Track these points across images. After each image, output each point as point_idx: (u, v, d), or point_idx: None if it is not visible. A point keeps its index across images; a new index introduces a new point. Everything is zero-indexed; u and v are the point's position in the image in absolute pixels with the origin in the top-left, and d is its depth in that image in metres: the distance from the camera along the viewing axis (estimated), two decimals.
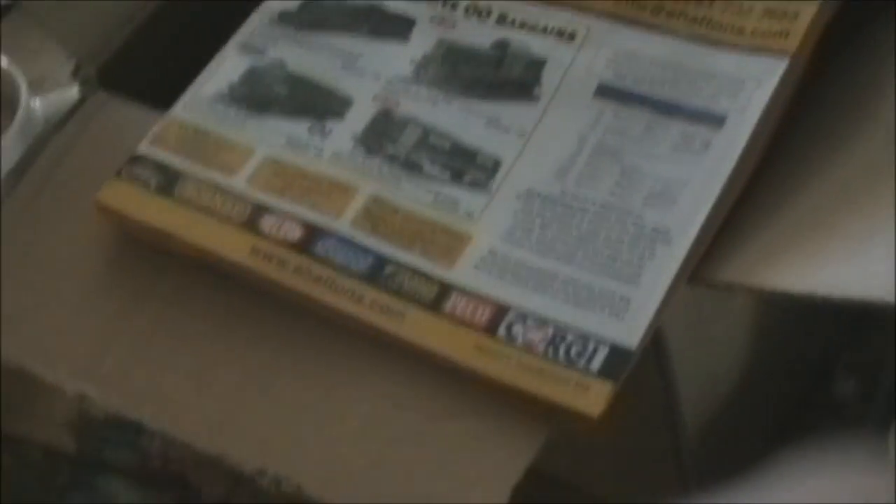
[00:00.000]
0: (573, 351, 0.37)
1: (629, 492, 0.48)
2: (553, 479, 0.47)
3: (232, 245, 0.42)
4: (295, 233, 0.42)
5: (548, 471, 0.40)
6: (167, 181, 0.44)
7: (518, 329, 0.38)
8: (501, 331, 0.38)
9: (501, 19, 0.46)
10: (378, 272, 0.40)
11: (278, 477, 0.40)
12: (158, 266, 0.44)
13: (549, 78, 0.43)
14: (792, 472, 0.37)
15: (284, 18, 0.48)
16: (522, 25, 0.45)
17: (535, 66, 0.44)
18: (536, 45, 0.44)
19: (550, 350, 0.37)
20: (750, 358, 0.47)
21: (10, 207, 0.48)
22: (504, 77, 0.44)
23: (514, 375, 0.37)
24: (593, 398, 0.35)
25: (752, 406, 0.49)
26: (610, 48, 0.43)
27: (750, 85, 0.41)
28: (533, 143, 0.42)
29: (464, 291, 0.39)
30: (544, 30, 0.45)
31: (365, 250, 0.41)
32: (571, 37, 0.44)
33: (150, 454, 0.51)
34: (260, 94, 0.46)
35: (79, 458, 0.52)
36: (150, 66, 0.53)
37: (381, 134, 0.44)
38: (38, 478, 0.53)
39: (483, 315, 0.38)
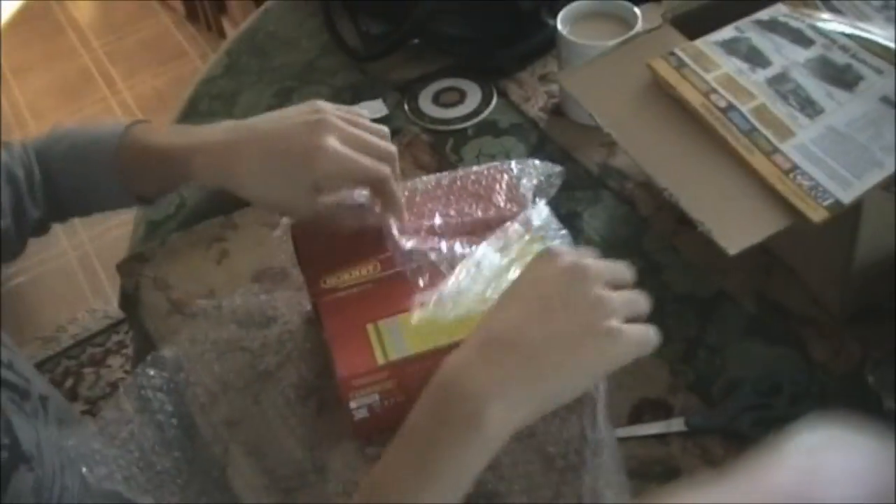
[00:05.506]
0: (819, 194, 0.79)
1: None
2: None
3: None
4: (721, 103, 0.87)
5: None
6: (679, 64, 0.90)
7: (801, 178, 0.81)
8: (792, 175, 0.81)
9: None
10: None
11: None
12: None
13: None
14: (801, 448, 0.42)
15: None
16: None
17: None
18: None
19: (812, 192, 0.80)
20: None
21: None
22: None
23: (792, 194, 0.80)
24: (819, 215, 0.78)
25: None
26: None
27: None
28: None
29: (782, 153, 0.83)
30: None
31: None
32: None
33: None
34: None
35: None
36: None
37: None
38: None
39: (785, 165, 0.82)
